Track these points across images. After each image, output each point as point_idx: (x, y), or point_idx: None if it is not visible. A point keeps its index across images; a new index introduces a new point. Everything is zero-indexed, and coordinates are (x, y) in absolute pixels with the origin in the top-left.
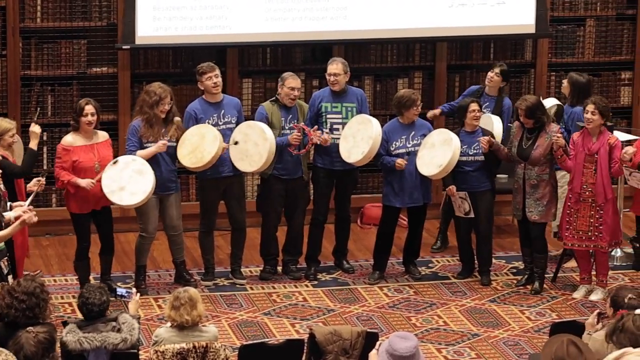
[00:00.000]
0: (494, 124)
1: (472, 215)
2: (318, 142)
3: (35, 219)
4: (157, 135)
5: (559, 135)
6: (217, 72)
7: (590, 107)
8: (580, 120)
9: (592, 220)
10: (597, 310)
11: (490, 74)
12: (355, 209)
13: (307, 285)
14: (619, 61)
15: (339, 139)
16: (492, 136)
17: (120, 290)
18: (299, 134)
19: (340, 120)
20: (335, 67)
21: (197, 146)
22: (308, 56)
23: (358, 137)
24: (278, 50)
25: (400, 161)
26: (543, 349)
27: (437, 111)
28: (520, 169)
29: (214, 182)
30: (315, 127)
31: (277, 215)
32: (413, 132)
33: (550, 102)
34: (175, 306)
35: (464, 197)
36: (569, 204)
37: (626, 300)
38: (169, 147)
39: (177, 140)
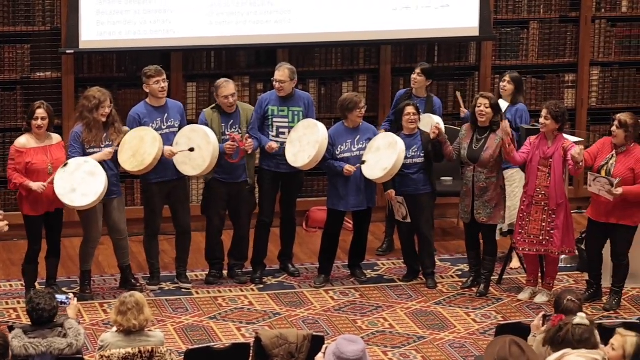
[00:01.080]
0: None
1: (409, 220)
2: (249, 152)
3: (6, 228)
4: (99, 139)
5: (507, 126)
6: (165, 76)
7: (543, 112)
8: (527, 119)
9: (544, 225)
10: (543, 312)
11: (413, 75)
12: (300, 213)
13: (252, 289)
14: (562, 64)
15: (285, 142)
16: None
17: (60, 297)
18: (233, 143)
19: (286, 124)
20: (282, 73)
21: (137, 149)
22: (252, 60)
23: (304, 142)
24: (222, 54)
25: (349, 167)
26: (486, 349)
27: (382, 131)
28: (469, 172)
29: (158, 186)
30: (247, 135)
31: (221, 219)
32: (358, 136)
33: (504, 105)
34: (122, 311)
35: (401, 202)
36: (522, 207)
37: (564, 302)
38: None
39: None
